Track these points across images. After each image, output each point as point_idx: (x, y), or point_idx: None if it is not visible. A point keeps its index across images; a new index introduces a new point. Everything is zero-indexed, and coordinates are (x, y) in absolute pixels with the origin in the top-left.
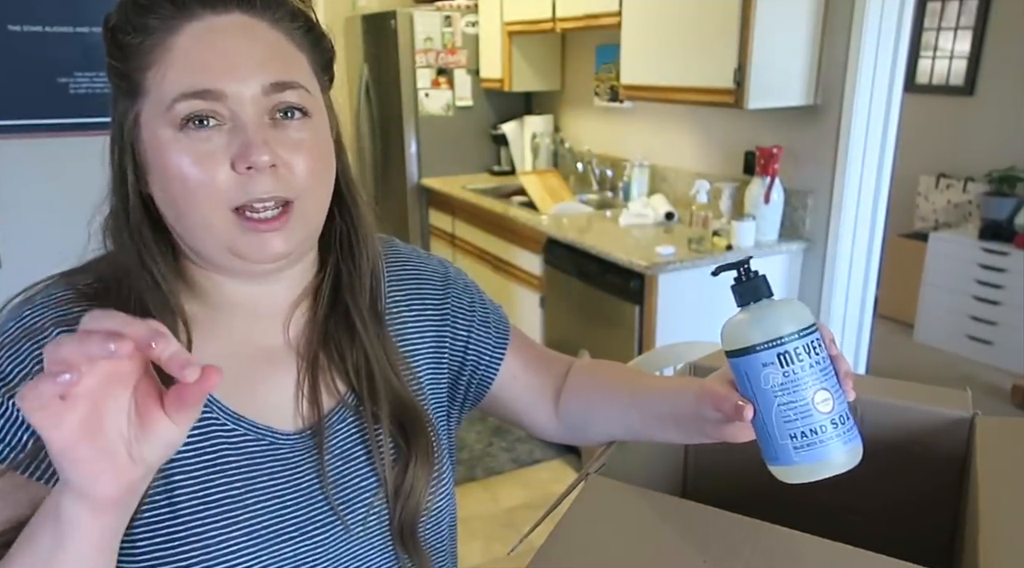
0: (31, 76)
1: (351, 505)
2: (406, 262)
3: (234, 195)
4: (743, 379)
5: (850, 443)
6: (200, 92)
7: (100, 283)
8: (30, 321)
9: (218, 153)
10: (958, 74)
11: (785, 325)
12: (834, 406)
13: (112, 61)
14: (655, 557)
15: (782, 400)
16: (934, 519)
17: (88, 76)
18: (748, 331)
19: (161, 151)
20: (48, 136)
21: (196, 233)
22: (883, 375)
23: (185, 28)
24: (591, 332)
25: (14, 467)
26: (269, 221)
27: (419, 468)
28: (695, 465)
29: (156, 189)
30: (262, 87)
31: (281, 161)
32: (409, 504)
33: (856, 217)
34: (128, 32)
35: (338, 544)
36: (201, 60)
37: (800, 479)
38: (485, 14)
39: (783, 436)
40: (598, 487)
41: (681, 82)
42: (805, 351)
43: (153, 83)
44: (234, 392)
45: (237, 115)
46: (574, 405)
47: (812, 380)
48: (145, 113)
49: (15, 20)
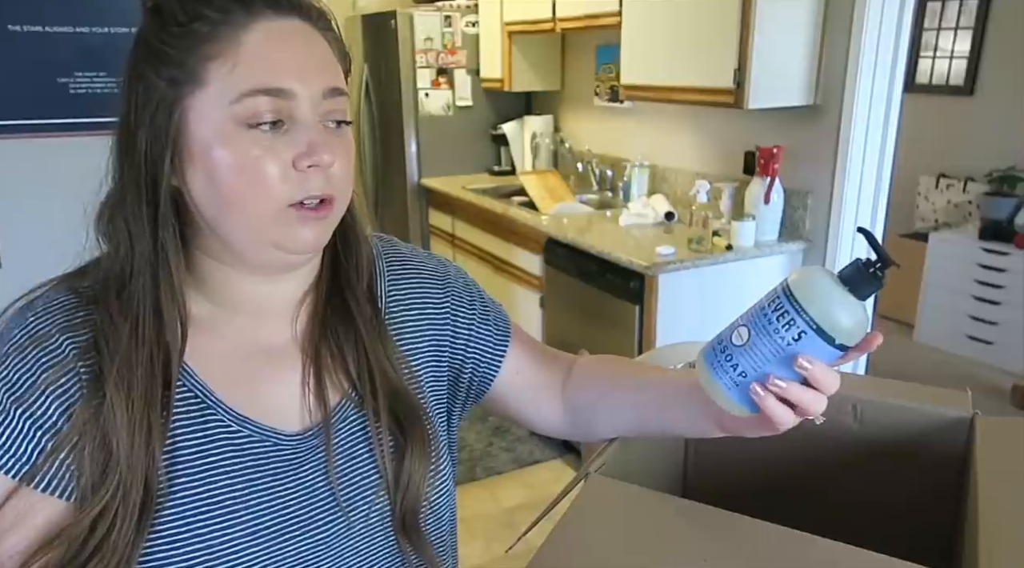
0: (31, 76)
1: (354, 501)
2: (406, 261)
3: (291, 192)
4: (770, 308)
5: (724, 383)
6: (273, 90)
7: (102, 285)
8: (35, 328)
9: (278, 151)
10: (958, 74)
11: (837, 325)
12: (739, 350)
13: (164, 47)
14: (655, 557)
15: (744, 314)
16: (934, 519)
17: (88, 76)
18: (824, 302)
19: (218, 142)
20: (48, 136)
21: (240, 225)
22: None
23: (254, 25)
24: (591, 332)
25: (27, 481)
26: (317, 209)
27: (416, 458)
28: (695, 464)
29: (197, 179)
30: (323, 91)
31: (334, 159)
32: (408, 495)
33: (856, 217)
34: (193, 19)
35: (340, 540)
36: (273, 59)
37: (696, 364)
38: (485, 14)
39: (718, 334)
40: (598, 487)
41: (681, 82)
42: (787, 324)
43: (217, 75)
44: (239, 393)
45: (300, 115)
46: (580, 397)
47: (755, 321)
48: (200, 103)
49: (15, 20)
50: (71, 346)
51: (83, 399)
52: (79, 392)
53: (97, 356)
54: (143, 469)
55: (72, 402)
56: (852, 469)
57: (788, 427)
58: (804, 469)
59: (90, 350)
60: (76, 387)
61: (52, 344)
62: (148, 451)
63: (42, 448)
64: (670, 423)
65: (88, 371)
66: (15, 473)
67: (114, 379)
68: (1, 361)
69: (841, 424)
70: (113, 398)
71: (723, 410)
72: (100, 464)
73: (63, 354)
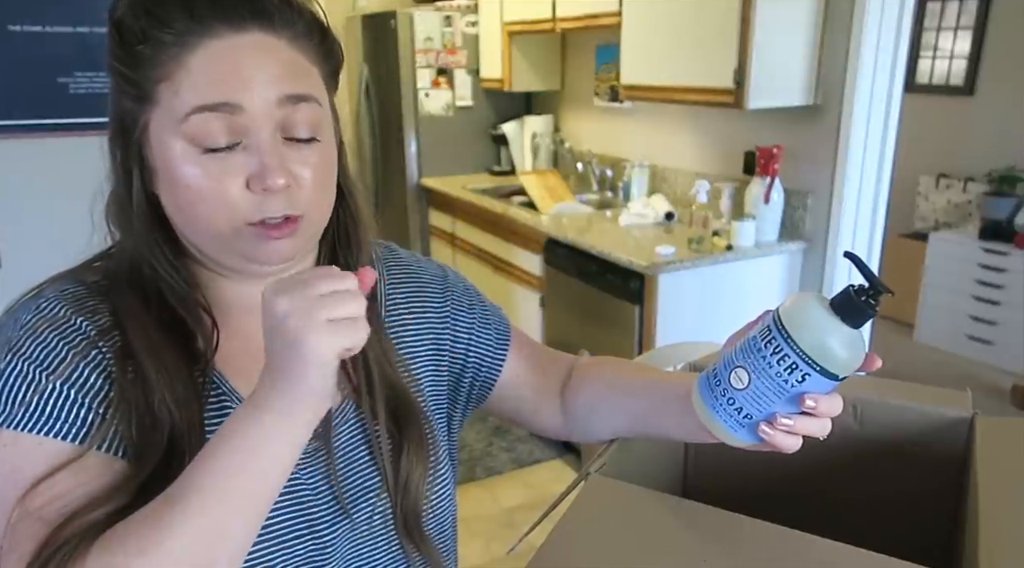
0: (31, 76)
1: (356, 503)
2: (406, 267)
3: (247, 212)
4: (768, 350)
5: (722, 418)
6: (216, 105)
7: (109, 279)
8: (48, 312)
9: (233, 170)
10: (958, 74)
11: (834, 360)
12: (742, 394)
13: (118, 64)
14: (655, 557)
15: (737, 350)
16: (934, 519)
17: (88, 76)
18: (817, 336)
19: (173, 162)
20: (48, 136)
21: (204, 239)
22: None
23: (201, 45)
24: (591, 332)
25: (84, 443)
26: (280, 227)
27: (413, 458)
28: (695, 465)
29: (164, 193)
30: (277, 99)
31: (292, 179)
32: (408, 497)
33: (856, 217)
34: (141, 41)
35: (345, 542)
36: (217, 74)
37: (693, 401)
38: (485, 14)
39: (713, 367)
40: (598, 487)
41: (681, 82)
42: (789, 368)
43: (165, 95)
44: (248, 385)
45: (252, 133)
46: (578, 400)
47: (754, 366)
48: (155, 122)
49: (15, 20)
50: (89, 326)
51: (116, 368)
52: (110, 362)
53: (119, 335)
54: (188, 423)
55: (107, 368)
56: (852, 469)
57: (794, 450)
58: (804, 469)
59: (110, 330)
60: (104, 359)
61: (70, 325)
62: (189, 406)
63: (92, 410)
64: (666, 429)
65: (111, 349)
66: (72, 437)
67: (143, 346)
68: (19, 345)
69: (841, 424)
70: (145, 362)
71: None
72: (146, 423)
73: (84, 332)
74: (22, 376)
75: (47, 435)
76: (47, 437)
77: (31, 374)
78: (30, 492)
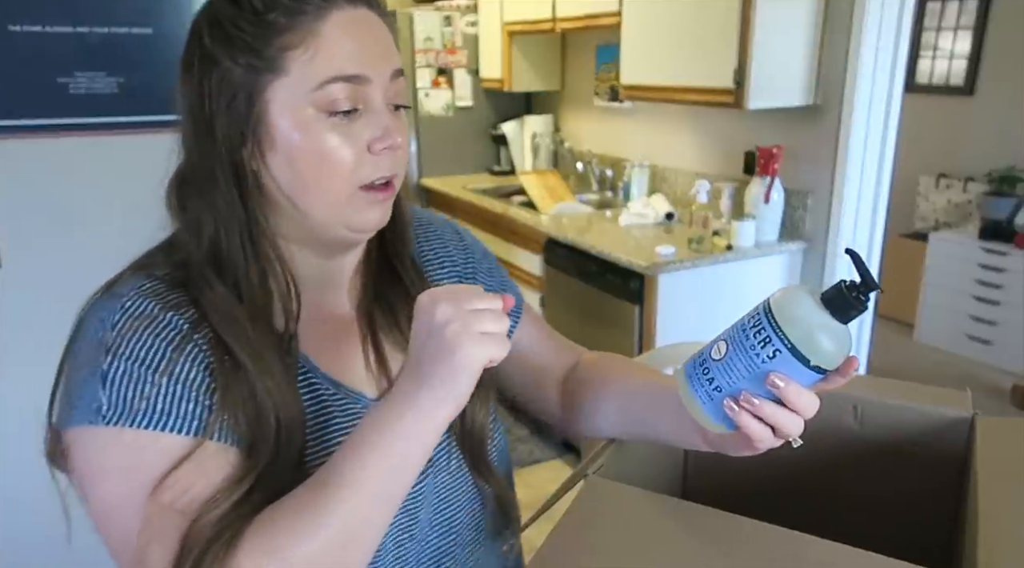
0: (31, 76)
1: (436, 448)
2: (428, 224)
3: (365, 173)
4: (749, 324)
5: (700, 398)
6: (352, 77)
7: (184, 269)
8: (136, 310)
9: (356, 134)
10: (958, 74)
11: (814, 346)
12: (718, 367)
13: (241, 34)
14: (655, 558)
15: (728, 330)
16: (934, 519)
17: (88, 76)
18: (802, 323)
19: (299, 130)
20: (48, 136)
21: (317, 205)
22: (883, 375)
23: (330, 16)
24: (591, 332)
25: (200, 435)
26: (384, 188)
27: (477, 400)
28: (695, 465)
29: (277, 162)
30: (391, 74)
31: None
32: (475, 437)
33: (856, 217)
34: (270, 9)
35: (431, 485)
36: (350, 46)
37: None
38: (485, 14)
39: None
40: (598, 487)
41: (681, 82)
42: (763, 341)
43: (297, 64)
44: (325, 360)
45: (373, 100)
46: (576, 392)
47: (735, 341)
48: (282, 91)
49: (15, 20)
50: (181, 320)
51: (214, 359)
52: (207, 354)
53: (209, 327)
54: (291, 408)
55: (205, 360)
56: (852, 469)
57: (767, 446)
58: (804, 469)
59: (200, 322)
60: (202, 353)
61: (162, 321)
62: (293, 398)
63: (199, 403)
64: (656, 432)
65: (205, 340)
66: (186, 431)
67: (236, 342)
68: (117, 346)
69: (841, 424)
70: (239, 351)
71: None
72: (251, 411)
73: (178, 327)
74: (128, 376)
75: (163, 430)
76: (163, 432)
77: (136, 373)
78: (159, 486)
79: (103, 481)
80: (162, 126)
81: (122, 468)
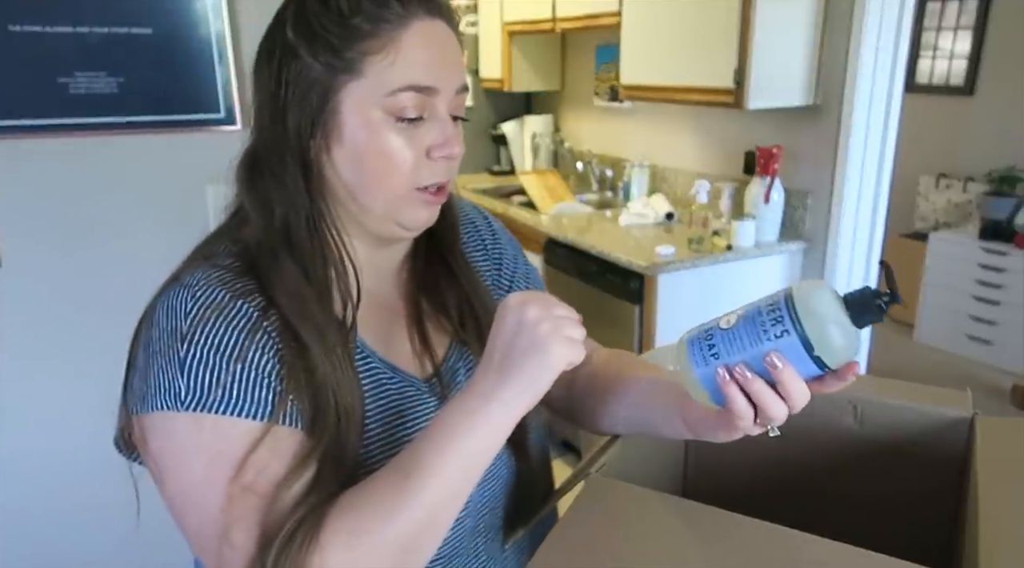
0: (31, 76)
1: None
2: (460, 210)
3: (423, 176)
4: (765, 304)
5: (695, 361)
6: (425, 88)
7: (250, 255)
8: (208, 299)
9: (419, 139)
10: (958, 74)
11: (824, 339)
12: (721, 340)
13: (326, 34)
14: (655, 557)
15: (743, 309)
16: (934, 519)
17: (88, 76)
18: (819, 316)
19: (367, 130)
20: (48, 136)
21: (377, 201)
22: (883, 375)
23: (410, 25)
24: (591, 332)
25: (272, 420)
26: (438, 193)
27: None
28: (695, 464)
29: (342, 157)
30: (456, 88)
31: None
32: (519, 424)
33: (856, 217)
34: (355, 13)
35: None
36: (425, 58)
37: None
38: (485, 14)
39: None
40: (598, 487)
41: (681, 82)
42: (775, 320)
43: (374, 68)
44: (382, 346)
45: (438, 110)
46: (590, 383)
47: (747, 317)
48: (356, 92)
49: (15, 20)
50: (250, 308)
51: (283, 344)
52: (276, 341)
53: (276, 312)
54: (354, 396)
55: (275, 346)
56: (852, 469)
57: (746, 429)
58: (804, 469)
59: (268, 309)
60: (271, 340)
61: (233, 309)
62: (352, 379)
63: (271, 389)
64: (644, 419)
65: (274, 327)
66: (259, 416)
67: (302, 323)
68: (191, 334)
69: (841, 424)
70: (304, 332)
71: (691, 403)
72: (313, 393)
73: (248, 315)
74: (203, 363)
75: (239, 416)
76: (240, 418)
77: (211, 360)
78: (238, 470)
79: (183, 465)
80: (162, 126)
81: (202, 453)
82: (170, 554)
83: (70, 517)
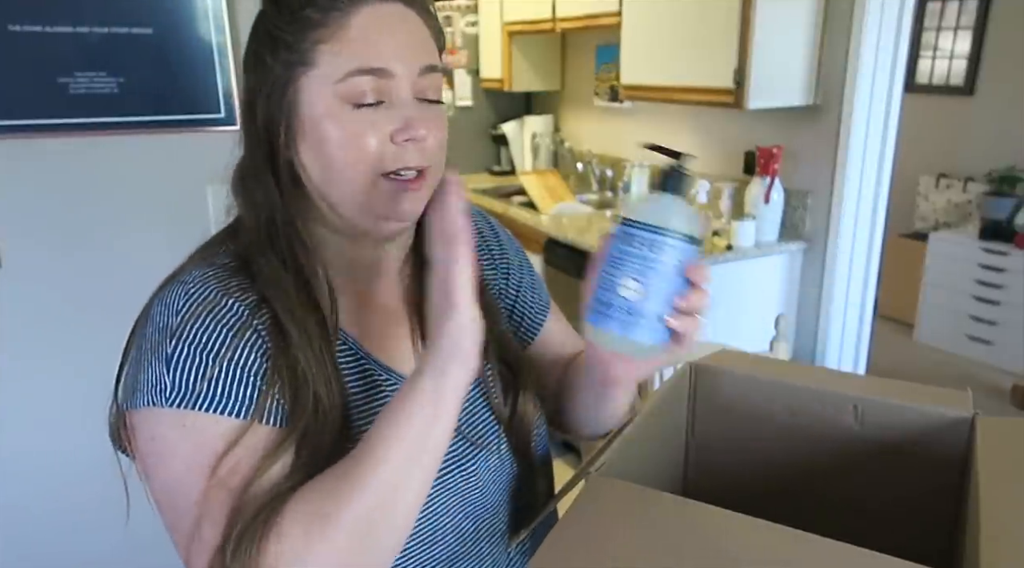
0: (31, 76)
1: (484, 436)
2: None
3: (387, 161)
4: (633, 250)
5: (631, 333)
6: (375, 70)
7: (243, 254)
8: (199, 296)
9: (378, 124)
10: (958, 74)
11: (671, 221)
12: (636, 298)
13: (278, 31)
14: (656, 557)
15: (607, 269)
16: (934, 519)
17: (88, 76)
18: (645, 209)
19: (325, 118)
20: (48, 136)
21: (344, 195)
22: (883, 375)
23: (359, 11)
24: None
25: (252, 418)
26: (411, 181)
27: (527, 394)
28: (696, 464)
29: (308, 151)
30: (419, 68)
31: (426, 133)
32: (523, 429)
33: (856, 217)
34: (305, 6)
35: (484, 471)
36: (376, 41)
37: (589, 337)
38: (485, 14)
39: (594, 299)
40: (598, 486)
41: (681, 82)
42: (649, 244)
43: (324, 56)
44: (377, 346)
45: (398, 93)
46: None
47: (633, 268)
48: (308, 82)
49: (15, 20)
50: (241, 307)
51: (272, 344)
52: (265, 339)
53: (268, 309)
54: (332, 388)
55: (263, 345)
56: (852, 469)
57: (688, 346)
58: (804, 469)
59: (259, 306)
60: (261, 339)
61: (223, 307)
62: (331, 372)
63: (255, 387)
64: (576, 396)
65: (264, 325)
66: (241, 414)
67: (290, 320)
68: (181, 330)
69: (841, 424)
70: (294, 337)
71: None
72: (297, 393)
73: (238, 313)
74: (190, 360)
75: (222, 413)
76: (222, 415)
77: (198, 358)
78: (217, 466)
79: (165, 461)
80: (162, 126)
81: (184, 449)
82: (170, 554)
83: (70, 517)
